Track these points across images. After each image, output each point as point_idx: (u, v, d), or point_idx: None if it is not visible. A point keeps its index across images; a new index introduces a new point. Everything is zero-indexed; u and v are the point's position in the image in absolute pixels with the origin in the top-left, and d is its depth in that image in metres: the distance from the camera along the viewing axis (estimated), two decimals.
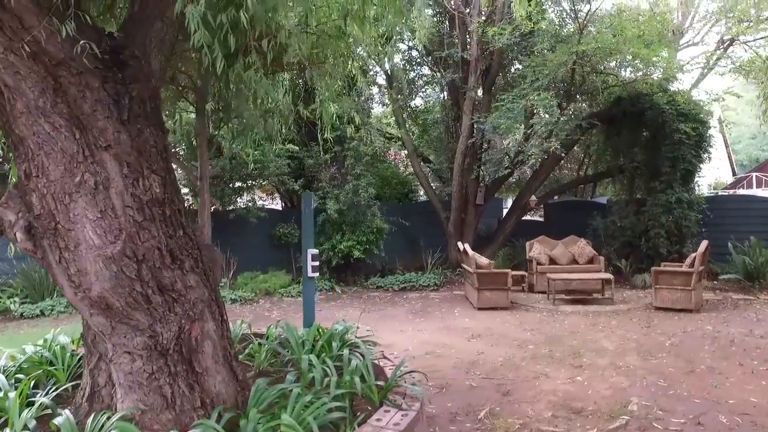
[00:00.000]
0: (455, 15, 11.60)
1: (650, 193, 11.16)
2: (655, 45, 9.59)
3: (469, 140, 11.79)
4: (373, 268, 12.34)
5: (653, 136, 11.06)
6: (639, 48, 9.10)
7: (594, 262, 10.67)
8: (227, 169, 10.69)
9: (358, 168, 11.48)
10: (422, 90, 15.32)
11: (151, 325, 3.50)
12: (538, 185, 12.75)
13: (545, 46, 10.19)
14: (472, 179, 12.35)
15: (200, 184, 4.72)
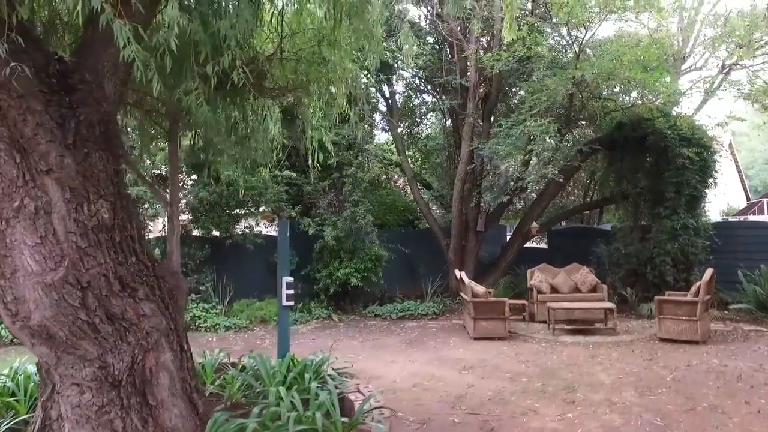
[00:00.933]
0: (453, 42, 11.62)
1: (655, 219, 10.85)
2: (655, 70, 9.45)
3: (468, 166, 11.65)
4: (372, 295, 12.11)
5: (656, 161, 10.82)
6: (637, 72, 8.97)
7: (597, 291, 10.31)
8: (224, 195, 10.67)
9: (356, 194, 11.38)
10: (424, 117, 15.36)
11: (101, 356, 3.35)
12: (540, 212, 12.50)
13: (543, 72, 10.11)
14: (472, 206, 12.16)
15: (170, 210, 4.64)
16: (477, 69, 11.50)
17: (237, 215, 11.39)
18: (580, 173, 15.22)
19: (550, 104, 10.08)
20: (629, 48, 9.81)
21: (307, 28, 5.18)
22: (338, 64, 6.03)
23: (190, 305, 10.43)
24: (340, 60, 5.90)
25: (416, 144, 15.11)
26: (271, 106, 6.82)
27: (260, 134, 6.14)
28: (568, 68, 9.81)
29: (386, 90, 13.31)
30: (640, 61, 9.43)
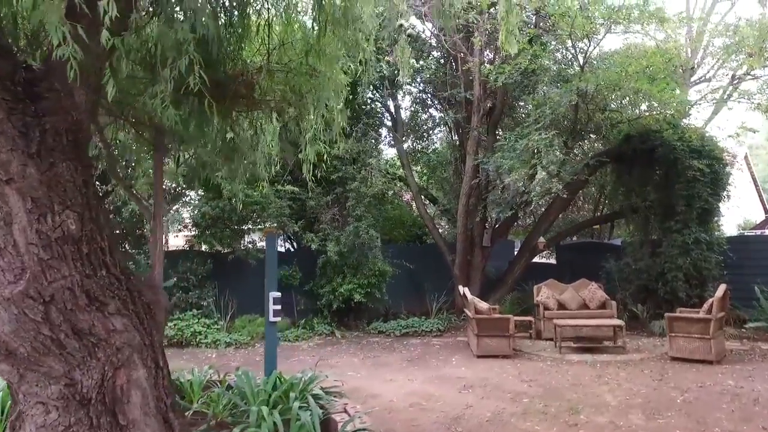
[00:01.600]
0: (457, 56, 11.53)
1: (666, 233, 10.53)
2: (661, 81, 9.23)
3: (473, 181, 11.47)
4: (377, 312, 11.89)
5: (666, 173, 10.53)
6: (642, 83, 8.75)
7: (606, 308, 9.97)
8: (226, 210, 10.62)
9: (359, 209, 11.24)
10: (431, 131, 15.26)
11: (67, 373, 3.21)
12: (547, 227, 12.23)
13: (546, 84, 9.96)
14: (477, 221, 11.94)
15: (153, 223, 4.53)
16: (481, 82, 11.38)
17: (240, 230, 11.32)
18: (590, 187, 14.94)
19: (555, 117, 9.90)
20: (635, 59, 9.63)
21: (296, 39, 5.12)
22: (330, 76, 5.97)
23: (191, 321, 10.33)
24: (331, 71, 5.84)
25: (423, 158, 14.98)
26: (267, 119, 6.80)
27: (252, 148, 6.07)
28: (572, 80, 9.64)
29: (391, 104, 13.25)
30: (646, 72, 9.23)
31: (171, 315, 10.30)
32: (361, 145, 11.70)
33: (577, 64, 10.29)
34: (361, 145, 11.69)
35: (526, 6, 9.68)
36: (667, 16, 9.24)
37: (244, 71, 5.33)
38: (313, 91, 5.66)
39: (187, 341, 10.04)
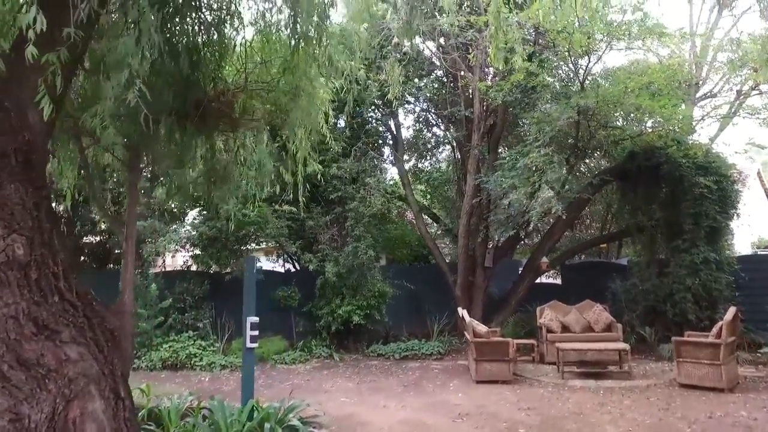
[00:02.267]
0: (457, 73, 11.41)
1: (673, 252, 10.16)
2: (663, 97, 8.98)
3: (474, 200, 11.23)
4: (377, 334, 11.59)
5: (672, 191, 10.21)
6: (644, 99, 8.51)
7: (612, 330, 9.58)
8: (224, 230, 10.49)
9: (358, 229, 11.04)
10: (434, 149, 15.11)
11: (13, 407, 3.01)
12: (551, 246, 11.90)
13: (546, 101, 9.77)
14: (479, 241, 11.67)
15: (125, 246, 4.38)
16: (480, 100, 11.23)
17: (237, 250, 11.18)
18: (596, 205, 14.61)
19: (555, 134, 9.68)
20: (635, 75, 9.41)
21: (277, 57, 5.01)
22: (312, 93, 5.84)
23: (187, 343, 10.14)
24: (312, 89, 5.72)
25: (425, 177, 14.82)
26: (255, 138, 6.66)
27: (240, 167, 5.94)
28: (572, 97, 9.44)
29: (392, 124, 13.14)
30: (648, 88, 9.00)
31: (166, 337, 10.13)
32: (361, 164, 11.55)
33: (577, 81, 10.09)
34: (361, 165, 11.54)
35: (525, 23, 9.54)
36: (667, 31, 9.01)
37: (225, 90, 5.24)
38: (297, 109, 5.56)
39: (182, 363, 9.84)
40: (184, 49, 4.74)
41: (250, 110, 5.40)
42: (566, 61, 9.37)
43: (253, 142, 6.22)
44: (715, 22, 11.85)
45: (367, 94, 11.44)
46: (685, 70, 10.76)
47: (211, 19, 4.77)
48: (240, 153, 5.72)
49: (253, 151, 6.19)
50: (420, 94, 11.47)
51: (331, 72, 4.81)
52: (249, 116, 5.28)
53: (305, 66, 4.73)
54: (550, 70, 9.83)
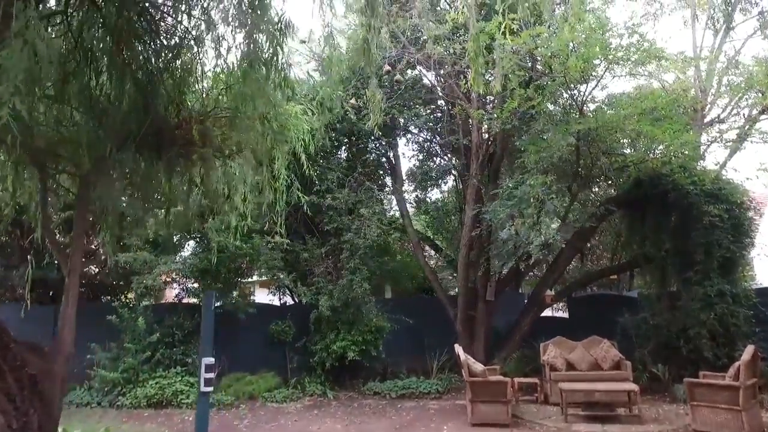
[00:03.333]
0: (455, 101, 11.11)
1: (685, 285, 9.47)
2: (666, 122, 8.51)
3: (473, 231, 10.73)
4: (374, 370, 10.97)
5: (681, 220, 9.60)
6: (643, 125, 8.05)
7: (621, 368, 8.84)
8: (214, 262, 10.14)
9: (354, 261, 10.59)
10: (437, 179, 14.71)
11: None
12: (556, 278, 11.26)
13: (543, 126, 9.38)
14: (480, 273, 11.10)
15: (68, 281, 4.02)
16: (478, 128, 10.88)
17: (231, 282, 10.79)
18: (606, 234, 13.97)
19: (555, 161, 9.25)
20: (635, 100, 8.99)
21: (236, 83, 4.72)
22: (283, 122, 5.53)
23: (174, 379, 9.67)
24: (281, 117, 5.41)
25: (426, 207, 14.41)
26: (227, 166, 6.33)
27: (190, 197, 5.61)
28: (571, 123, 9.03)
29: (390, 153, 12.85)
30: (650, 114, 8.55)
31: (153, 372, 9.69)
32: (357, 195, 11.21)
33: (576, 107, 9.68)
34: (357, 195, 11.20)
35: (519, 48, 9.24)
36: (666, 54, 8.61)
37: (188, 118, 4.96)
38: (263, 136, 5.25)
39: (167, 401, 9.35)
40: (145, 75, 4.53)
41: (214, 138, 5.12)
42: (564, 86, 8.97)
43: (222, 172, 5.94)
44: (719, 47, 11.41)
45: (363, 123, 11.20)
46: (690, 95, 10.30)
47: (169, 44, 4.55)
48: (189, 183, 5.39)
49: (220, 181, 5.90)
50: (418, 122, 11.16)
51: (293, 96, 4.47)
52: (212, 144, 4.99)
53: (268, 91, 4.42)
54: (548, 96, 9.43)
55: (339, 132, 11.74)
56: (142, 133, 4.36)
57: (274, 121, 5.06)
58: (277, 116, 5.04)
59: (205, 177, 5.29)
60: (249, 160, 5.53)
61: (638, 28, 8.06)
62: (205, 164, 5.38)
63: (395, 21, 10.80)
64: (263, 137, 5.11)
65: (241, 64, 4.13)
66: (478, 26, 5.86)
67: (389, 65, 9.71)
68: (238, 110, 4.51)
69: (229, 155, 5.46)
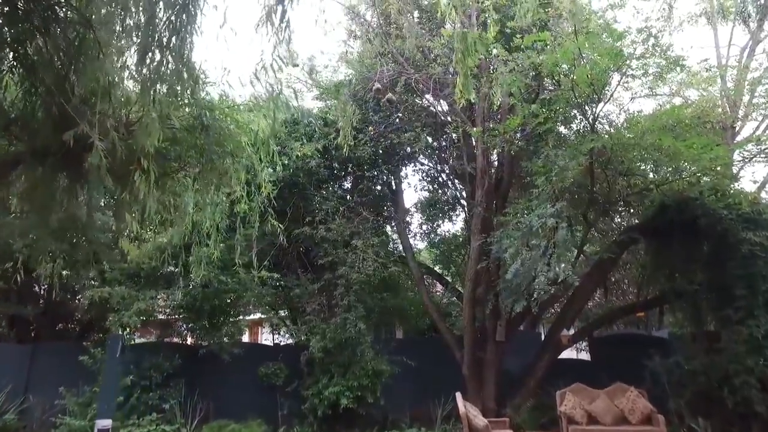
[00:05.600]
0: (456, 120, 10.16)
1: (725, 324, 8.04)
2: (691, 137, 7.36)
3: (479, 264, 9.57)
4: (372, 419, 9.68)
5: (714, 249, 8.26)
6: (666, 140, 6.91)
7: (652, 423, 7.42)
8: (199, 298, 9.22)
9: (348, 298, 9.52)
10: (445, 209, 13.68)
11: None
12: (574, 315, 9.91)
13: (553, 147, 8.33)
14: (489, 311, 9.85)
15: None
16: (483, 152, 9.87)
17: (217, 321, 9.83)
18: (630, 267, 12.56)
19: (566, 185, 8.14)
20: (656, 116, 7.89)
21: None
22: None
23: (149, 428, 8.62)
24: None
25: (432, 239, 13.34)
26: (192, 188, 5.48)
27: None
28: (584, 142, 7.96)
29: (392, 181, 11.91)
30: (672, 129, 7.43)
31: (126, 420, 8.66)
32: (355, 226, 10.24)
33: (587, 124, 8.62)
34: (354, 226, 10.22)
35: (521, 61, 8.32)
36: (687, 63, 7.55)
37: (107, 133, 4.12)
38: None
39: None
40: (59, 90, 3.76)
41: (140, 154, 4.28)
42: (572, 101, 7.92)
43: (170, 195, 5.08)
44: (750, 48, 10.18)
45: (361, 148, 10.36)
46: (717, 111, 9.14)
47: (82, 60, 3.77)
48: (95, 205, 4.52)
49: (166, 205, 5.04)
50: (417, 145, 10.24)
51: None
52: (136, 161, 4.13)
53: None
54: (557, 113, 8.41)
55: (336, 159, 10.93)
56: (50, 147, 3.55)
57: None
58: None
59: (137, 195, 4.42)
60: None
61: (653, 31, 7.04)
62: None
63: (393, 42, 10.11)
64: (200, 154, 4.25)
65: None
66: (460, 33, 4.96)
67: (379, 84, 8.88)
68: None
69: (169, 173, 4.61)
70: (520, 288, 8.11)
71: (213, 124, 4.10)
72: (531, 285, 7.82)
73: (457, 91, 5.15)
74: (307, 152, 9.69)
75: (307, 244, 10.48)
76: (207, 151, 4.22)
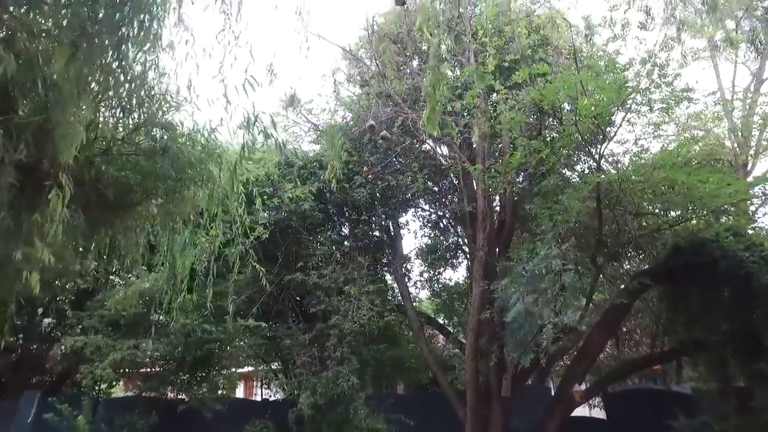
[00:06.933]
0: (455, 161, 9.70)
1: (757, 379, 7.16)
2: (705, 172, 6.82)
3: (481, 314, 8.82)
4: None
5: (737, 295, 7.47)
6: (677, 175, 6.37)
7: None
8: (179, 348, 8.45)
9: (341, 350, 8.71)
10: (446, 255, 13.02)
11: None
12: (586, 368, 8.98)
13: (556, 185, 7.81)
14: (493, 364, 8.98)
15: None
16: (484, 193, 9.33)
17: (200, 373, 9.00)
18: (642, 316, 11.68)
19: (571, 226, 7.55)
20: (665, 153, 7.39)
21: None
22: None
23: None
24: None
25: (433, 287, 12.60)
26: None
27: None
28: (587, 179, 7.44)
29: (390, 225, 11.35)
30: (680, 165, 6.91)
31: None
32: (349, 272, 9.58)
33: (591, 164, 8.13)
34: (349, 273, 9.56)
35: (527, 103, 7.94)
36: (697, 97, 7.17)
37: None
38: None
39: None
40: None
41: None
42: (574, 136, 7.44)
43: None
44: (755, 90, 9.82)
45: (357, 191, 9.89)
46: (727, 149, 8.66)
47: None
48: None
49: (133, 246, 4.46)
50: (414, 186, 9.74)
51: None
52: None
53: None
54: (559, 151, 7.91)
55: (331, 203, 10.44)
56: None
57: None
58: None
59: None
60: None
61: (658, 61, 6.66)
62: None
63: (391, 83, 9.85)
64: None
65: None
66: (432, 67, 4.54)
67: (372, 121, 8.51)
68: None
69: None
70: (527, 338, 7.34)
71: (173, 146, 3.61)
72: (538, 335, 7.06)
73: (424, 122, 4.69)
74: (300, 194, 9.21)
75: (300, 291, 9.81)
76: (169, 178, 3.70)
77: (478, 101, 8.06)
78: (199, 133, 3.91)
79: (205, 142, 3.94)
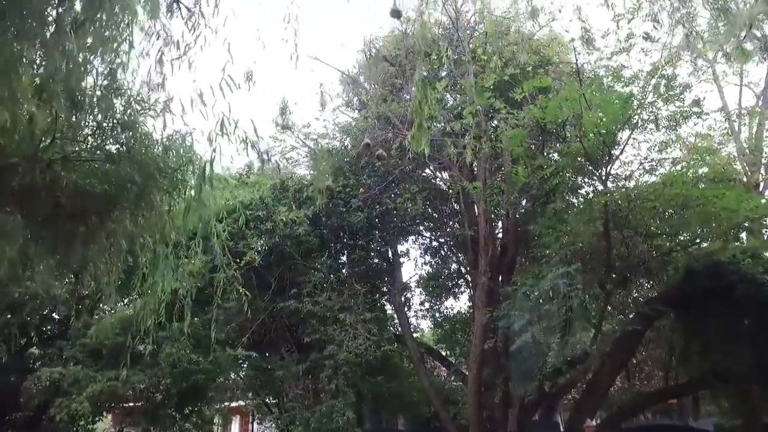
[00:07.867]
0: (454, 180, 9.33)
1: None
2: (718, 188, 6.41)
3: (485, 343, 8.26)
4: None
5: (759, 321, 6.96)
6: (687, 189, 5.97)
7: None
8: (166, 381, 7.88)
9: (336, 382, 8.13)
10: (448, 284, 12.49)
11: None
12: (596, 402, 8.31)
13: (561, 205, 7.39)
14: (498, 397, 8.35)
15: None
16: (485, 215, 8.91)
17: (185, 408, 8.39)
18: (653, 346, 11.00)
19: (578, 248, 7.09)
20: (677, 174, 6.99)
21: None
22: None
23: None
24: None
25: (434, 316, 12.03)
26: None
27: None
28: (594, 200, 7.04)
29: (389, 251, 10.89)
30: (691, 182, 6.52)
31: None
32: (344, 299, 9.08)
33: (597, 184, 7.72)
34: (344, 300, 9.06)
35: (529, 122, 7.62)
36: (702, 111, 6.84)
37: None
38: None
39: None
40: None
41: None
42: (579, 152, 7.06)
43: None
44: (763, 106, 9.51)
45: (354, 214, 9.49)
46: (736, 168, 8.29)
47: None
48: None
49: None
50: (414, 208, 9.34)
51: None
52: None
53: None
54: (564, 170, 7.53)
55: (327, 227, 10.02)
56: None
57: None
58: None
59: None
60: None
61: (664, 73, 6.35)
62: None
63: (389, 105, 9.59)
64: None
65: None
66: (418, 82, 4.22)
67: (369, 140, 8.19)
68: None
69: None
70: (533, 367, 6.77)
71: (139, 149, 3.24)
72: (545, 363, 6.51)
73: (410, 138, 4.32)
74: (294, 218, 8.81)
75: (293, 320, 9.29)
76: (134, 184, 3.31)
77: (477, 118, 7.75)
78: (172, 139, 3.55)
79: (178, 149, 3.57)
